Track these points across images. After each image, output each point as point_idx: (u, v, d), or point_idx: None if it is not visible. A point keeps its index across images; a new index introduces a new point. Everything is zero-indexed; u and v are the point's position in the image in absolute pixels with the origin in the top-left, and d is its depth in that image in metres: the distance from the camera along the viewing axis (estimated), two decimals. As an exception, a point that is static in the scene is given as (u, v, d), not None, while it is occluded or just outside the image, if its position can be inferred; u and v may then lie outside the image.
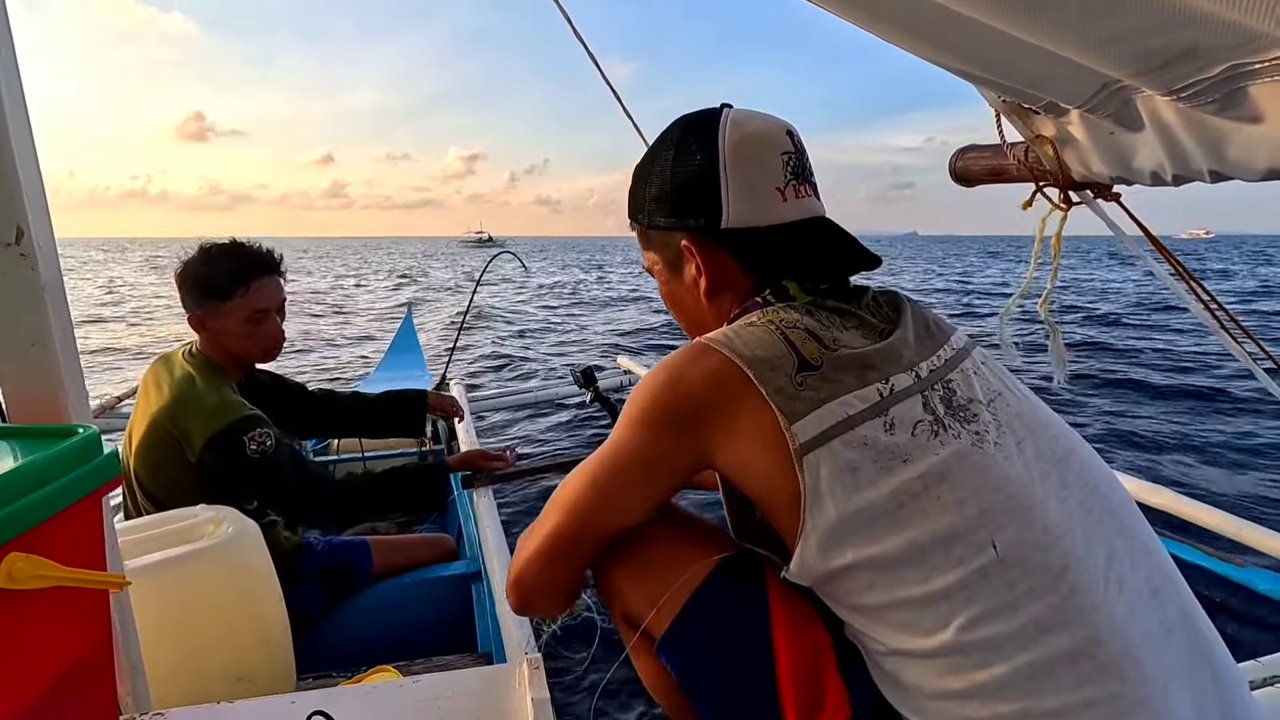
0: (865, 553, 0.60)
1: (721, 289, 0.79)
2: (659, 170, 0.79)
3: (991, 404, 0.69)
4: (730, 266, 0.78)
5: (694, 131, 0.77)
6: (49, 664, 0.64)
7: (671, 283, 0.84)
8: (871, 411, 0.63)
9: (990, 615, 0.57)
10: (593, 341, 8.92)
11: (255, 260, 1.51)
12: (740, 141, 0.75)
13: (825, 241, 0.77)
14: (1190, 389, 5.51)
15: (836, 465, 0.61)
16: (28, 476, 0.59)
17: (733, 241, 0.76)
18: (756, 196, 0.75)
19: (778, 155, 0.75)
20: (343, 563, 1.57)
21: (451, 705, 0.78)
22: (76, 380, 0.78)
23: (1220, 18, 0.55)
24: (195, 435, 1.39)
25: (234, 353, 1.53)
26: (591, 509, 0.74)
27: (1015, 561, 0.58)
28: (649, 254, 0.85)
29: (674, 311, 0.87)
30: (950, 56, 0.86)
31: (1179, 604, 0.63)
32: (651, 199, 0.80)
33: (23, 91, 0.73)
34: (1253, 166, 0.76)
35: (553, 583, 0.79)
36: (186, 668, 1.12)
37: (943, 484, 0.60)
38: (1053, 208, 1.14)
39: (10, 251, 0.72)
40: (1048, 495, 0.63)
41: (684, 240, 0.78)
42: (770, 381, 0.64)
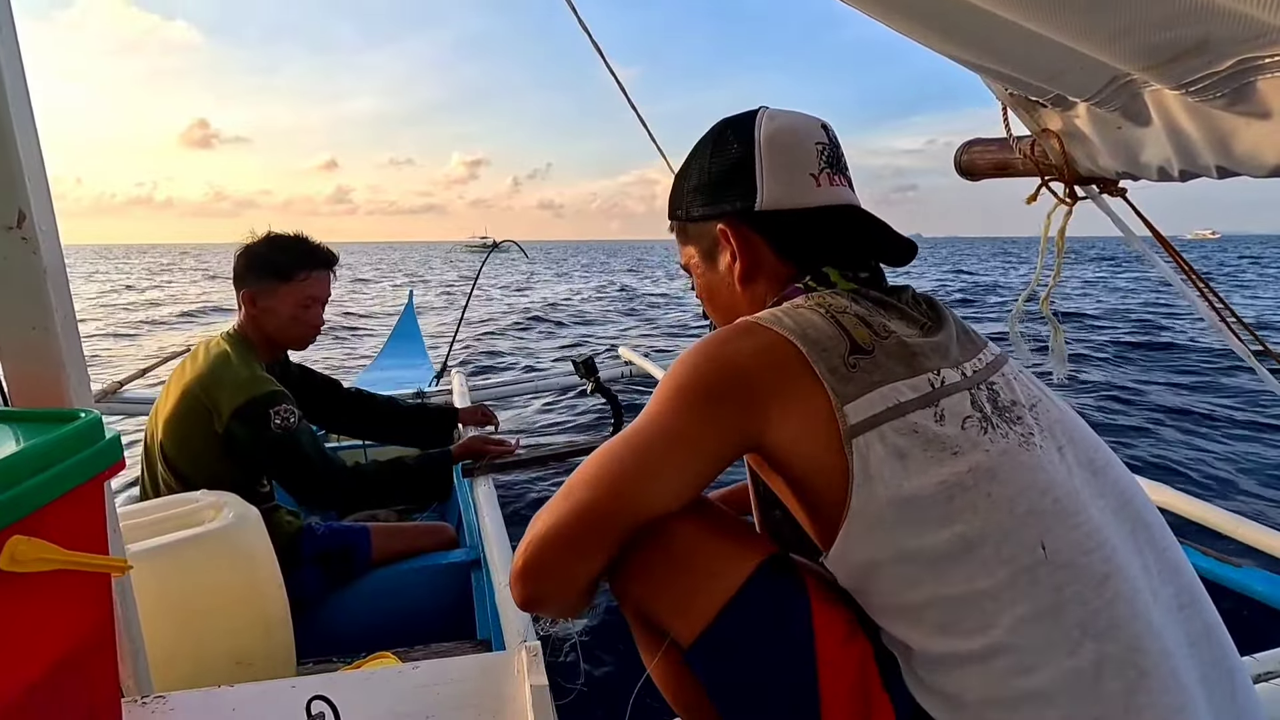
0: (911, 544, 0.59)
1: (756, 275, 0.79)
2: (698, 165, 0.81)
3: (1034, 409, 0.68)
4: (765, 251, 0.78)
5: (732, 126, 0.79)
6: (50, 647, 0.64)
7: (708, 273, 0.84)
8: (922, 401, 0.62)
9: (1037, 617, 0.56)
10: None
11: (317, 252, 1.64)
12: (776, 131, 0.77)
13: (861, 227, 0.78)
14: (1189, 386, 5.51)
15: (886, 450, 0.60)
16: (30, 460, 0.59)
17: (767, 224, 0.77)
18: (791, 180, 0.76)
19: (812, 144, 0.77)
20: (342, 546, 1.59)
21: (450, 692, 0.79)
22: (78, 364, 0.78)
23: (1231, 11, 0.55)
24: (224, 404, 1.46)
25: (272, 334, 1.61)
26: (624, 486, 0.66)
27: (1063, 564, 0.57)
28: (686, 249, 0.86)
29: (709, 306, 0.87)
30: (960, 47, 0.86)
31: (1204, 620, 0.63)
32: (690, 191, 0.82)
33: (25, 77, 0.73)
34: (1261, 162, 0.76)
35: (569, 573, 0.69)
36: (187, 652, 1.13)
37: (993, 481, 0.60)
38: (1058, 202, 1.13)
39: (12, 235, 0.72)
40: (1088, 503, 0.62)
41: (720, 225, 0.79)
42: (824, 360, 0.63)
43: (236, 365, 1.51)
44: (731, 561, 0.67)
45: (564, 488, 0.69)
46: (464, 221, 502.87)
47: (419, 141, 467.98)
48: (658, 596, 0.69)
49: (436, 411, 2.14)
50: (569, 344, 8.73)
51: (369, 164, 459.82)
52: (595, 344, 8.34)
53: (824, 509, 0.63)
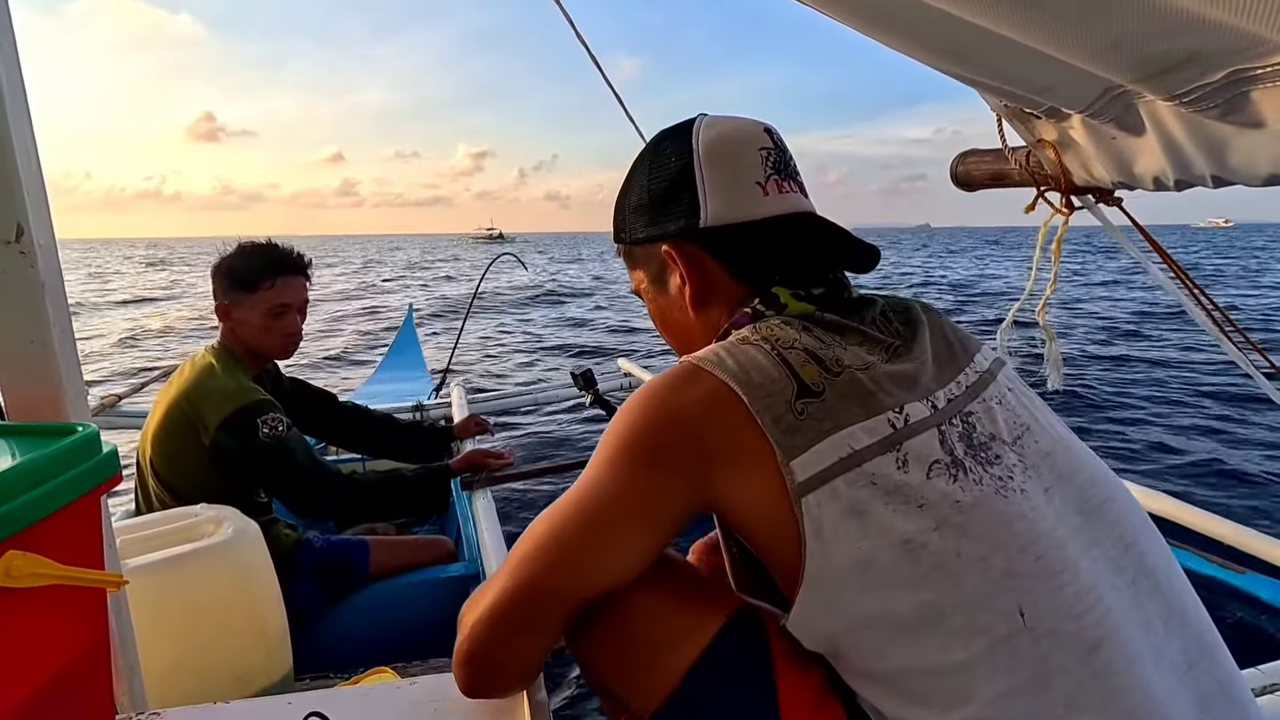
0: (874, 610, 0.54)
1: (709, 298, 0.73)
2: (637, 183, 0.76)
3: (1018, 441, 0.62)
4: (715, 271, 0.72)
5: (669, 138, 0.75)
6: (45, 662, 0.63)
7: (658, 298, 0.78)
8: (881, 446, 0.56)
9: (1017, 691, 0.51)
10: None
11: (284, 259, 1.61)
12: (715, 140, 0.72)
13: (816, 235, 0.72)
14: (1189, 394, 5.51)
15: (840, 507, 0.54)
16: (26, 474, 0.59)
17: (714, 241, 0.71)
18: (735, 192, 0.70)
19: (755, 151, 0.71)
20: (340, 559, 1.58)
21: (449, 707, 0.78)
22: (75, 379, 0.78)
23: (1222, 23, 0.55)
24: (210, 416, 1.45)
25: (252, 345, 1.59)
26: (569, 563, 0.61)
27: (1045, 632, 0.52)
28: (635, 274, 0.80)
29: (664, 332, 0.82)
30: (952, 61, 0.86)
31: (1216, 677, 0.57)
32: (631, 211, 0.77)
33: (24, 90, 0.73)
34: (1254, 172, 0.76)
35: (514, 654, 0.66)
36: (184, 667, 1.12)
37: (963, 538, 0.54)
38: (1054, 212, 1.14)
39: (10, 249, 0.72)
40: (1079, 555, 0.56)
41: (665, 247, 0.73)
42: (768, 410, 0.56)
43: (222, 377, 1.50)
44: (689, 629, 0.63)
45: (506, 563, 0.65)
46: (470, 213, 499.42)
47: (425, 134, 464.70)
48: (615, 668, 0.66)
49: (432, 429, 2.14)
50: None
51: (375, 157, 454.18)
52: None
53: (781, 570, 0.58)
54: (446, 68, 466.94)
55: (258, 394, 1.50)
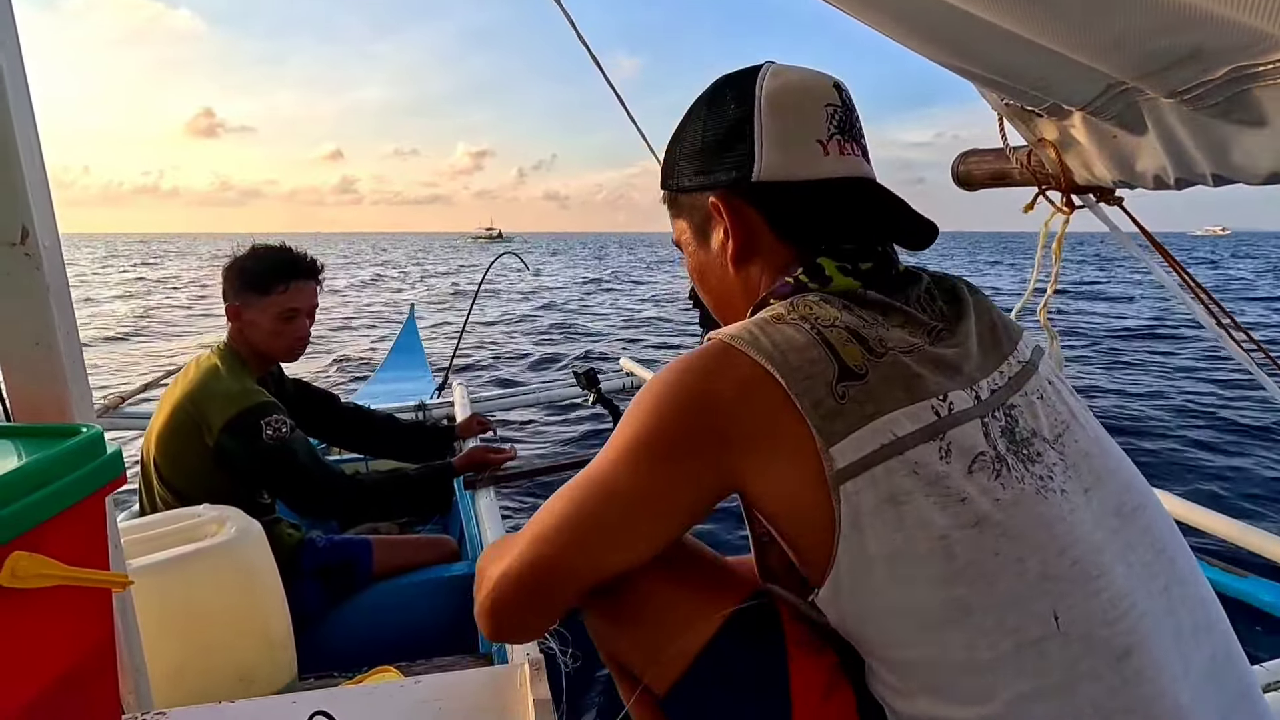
0: (904, 602, 0.52)
1: (751, 255, 0.69)
2: (692, 128, 0.72)
3: (1059, 440, 0.60)
4: (761, 229, 0.68)
5: (732, 84, 0.69)
6: (51, 663, 0.64)
7: (699, 251, 0.75)
8: (925, 434, 0.54)
9: (1043, 693, 0.50)
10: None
11: (298, 263, 1.62)
12: (779, 89, 0.67)
13: (872, 204, 0.68)
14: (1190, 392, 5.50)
15: (879, 496, 0.52)
16: (31, 475, 0.59)
17: (765, 198, 0.67)
18: (794, 147, 0.66)
19: (821, 107, 0.66)
20: (343, 559, 1.59)
21: (453, 706, 0.78)
22: (80, 380, 0.78)
23: (1225, 19, 0.55)
24: (214, 418, 1.45)
25: (260, 347, 1.60)
26: (585, 546, 0.61)
27: (1078, 637, 0.51)
28: (678, 222, 0.77)
29: (700, 288, 0.78)
30: (955, 55, 0.86)
31: (1238, 686, 0.57)
32: (682, 158, 0.73)
33: (28, 92, 0.73)
34: (1255, 170, 0.76)
35: (531, 621, 0.68)
36: (189, 667, 1.12)
37: (1001, 537, 0.52)
38: (1055, 211, 1.14)
39: (15, 251, 0.72)
40: (1115, 560, 0.54)
41: (712, 198, 0.69)
42: (807, 393, 0.53)
43: (226, 378, 1.51)
44: (703, 612, 0.63)
45: (527, 529, 0.65)
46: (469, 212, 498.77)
47: (424, 132, 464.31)
48: (629, 644, 0.67)
49: (434, 429, 2.14)
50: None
51: (374, 154, 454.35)
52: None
53: (810, 554, 0.56)
54: (447, 65, 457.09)
55: (261, 396, 1.51)
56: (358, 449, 2.14)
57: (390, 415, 2.13)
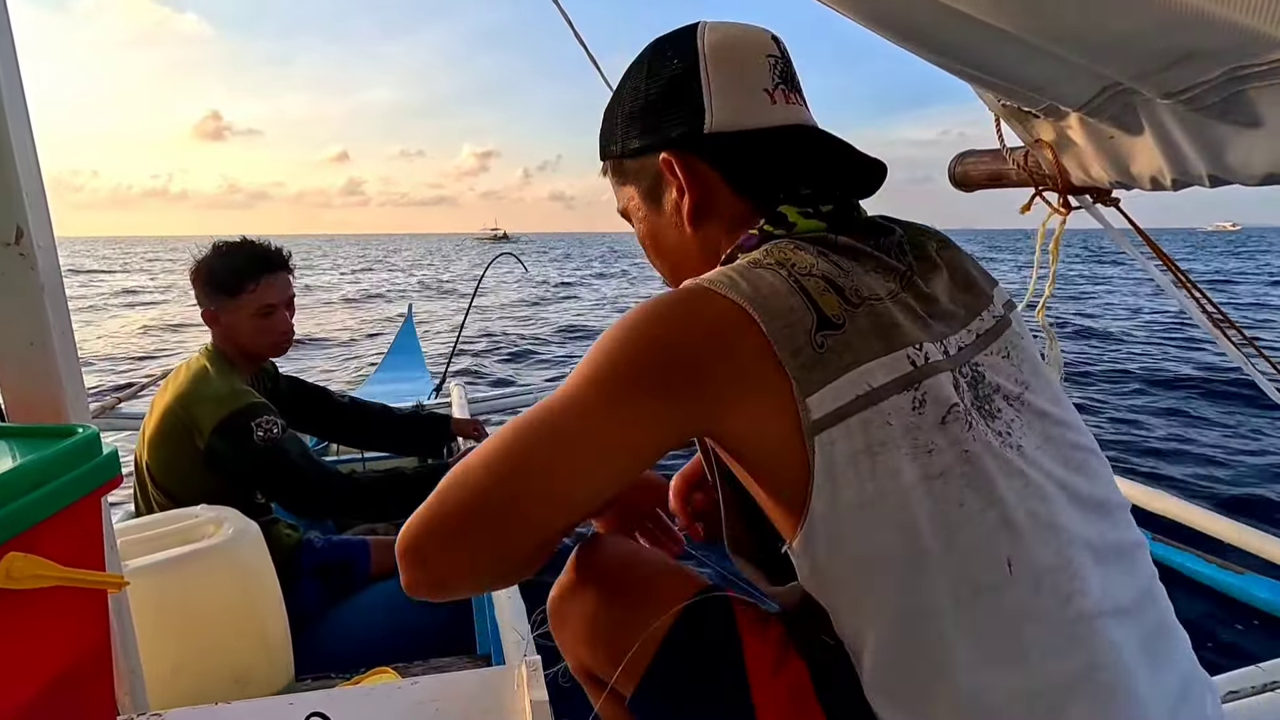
0: (872, 549, 0.53)
1: (708, 213, 0.67)
2: (632, 89, 0.70)
3: (1019, 398, 0.61)
4: (717, 184, 0.67)
5: (670, 43, 0.69)
6: (46, 664, 0.63)
7: (650, 216, 0.72)
8: (900, 384, 0.54)
9: (995, 634, 0.53)
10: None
11: (265, 257, 1.57)
12: (721, 42, 0.66)
13: (823, 149, 0.67)
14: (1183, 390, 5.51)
15: (853, 446, 0.52)
16: (27, 476, 0.59)
17: (718, 150, 0.66)
18: (743, 96, 0.65)
19: (764, 57, 0.67)
20: (341, 560, 1.58)
21: (450, 707, 0.78)
22: (75, 380, 0.78)
23: (1221, 20, 0.55)
24: (204, 420, 1.43)
25: (244, 346, 1.58)
26: (531, 484, 0.55)
27: (1029, 583, 0.53)
28: (624, 190, 0.74)
29: (654, 254, 0.75)
30: (952, 57, 0.86)
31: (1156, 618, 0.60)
32: (624, 120, 0.70)
33: (23, 93, 0.73)
34: (1251, 171, 0.76)
35: (454, 567, 0.59)
36: (185, 669, 1.12)
37: (966, 488, 0.53)
38: (1052, 211, 1.14)
39: (10, 251, 0.72)
40: (1061, 510, 0.57)
41: (664, 155, 0.67)
42: (787, 341, 0.53)
43: (215, 381, 1.48)
44: (657, 611, 0.65)
45: (462, 465, 0.58)
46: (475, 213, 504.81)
47: (430, 133, 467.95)
48: (593, 655, 0.69)
49: (430, 419, 2.11)
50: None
51: (381, 156, 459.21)
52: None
53: (781, 502, 0.56)
54: (454, 66, 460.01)
55: (250, 397, 1.49)
56: (354, 443, 2.12)
57: (385, 407, 2.10)
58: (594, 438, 0.55)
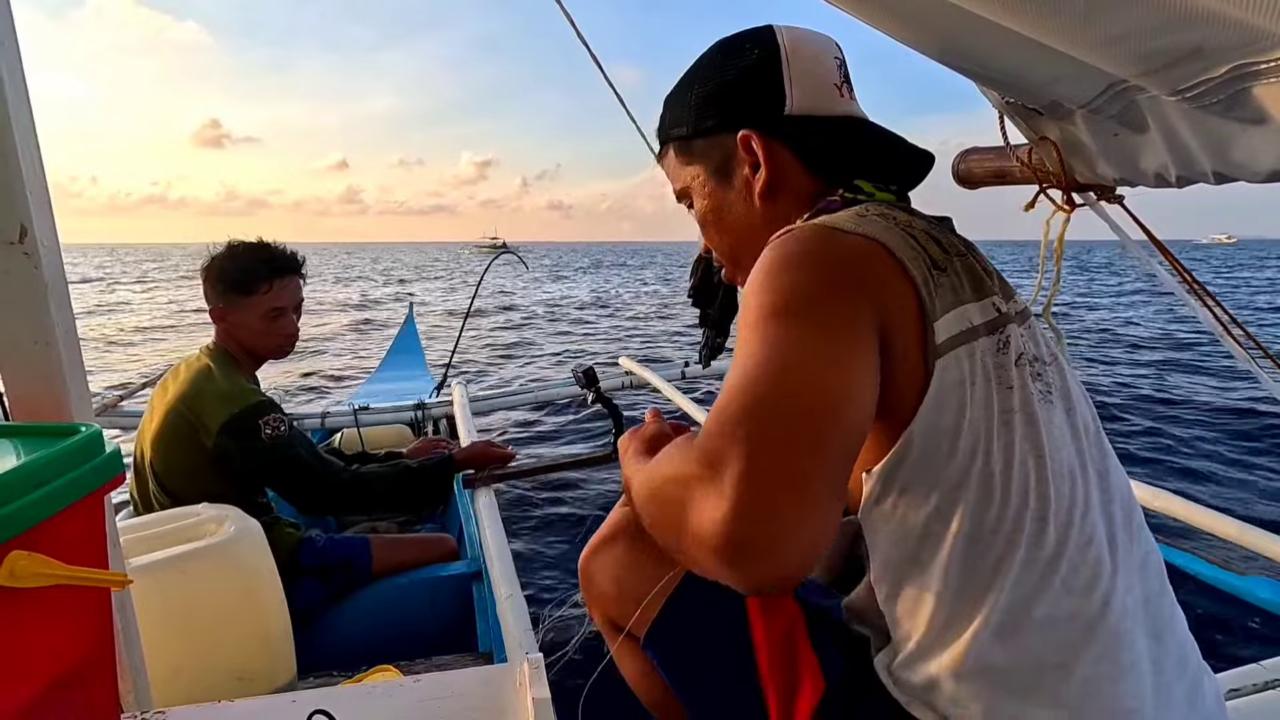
0: (953, 475, 0.56)
1: (780, 189, 0.72)
2: (707, 73, 0.75)
3: (1051, 365, 0.66)
4: (790, 163, 0.72)
5: (747, 38, 0.74)
6: (50, 662, 0.64)
7: (717, 193, 0.76)
8: (989, 327, 0.60)
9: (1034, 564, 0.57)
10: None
11: (279, 260, 1.59)
12: (799, 39, 0.73)
13: (884, 138, 0.75)
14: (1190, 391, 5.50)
15: (955, 376, 0.57)
16: (30, 475, 0.59)
17: (796, 132, 0.72)
18: (818, 87, 0.72)
19: (831, 57, 0.74)
20: (342, 558, 1.58)
21: (452, 705, 0.78)
22: (79, 379, 0.78)
23: (1226, 17, 0.55)
24: (211, 420, 1.44)
25: (249, 347, 1.59)
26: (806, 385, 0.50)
27: (1061, 525, 0.58)
28: (689, 169, 0.78)
29: (715, 230, 0.79)
30: (955, 54, 0.86)
31: (1154, 568, 0.66)
32: (698, 102, 0.75)
33: (27, 92, 0.73)
34: (1256, 168, 0.76)
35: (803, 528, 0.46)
36: (188, 667, 1.12)
37: (1028, 425, 0.58)
38: (1056, 209, 1.14)
39: (14, 250, 0.72)
40: (1078, 468, 0.62)
41: (742, 133, 0.72)
42: (916, 268, 0.57)
43: (219, 380, 1.49)
44: (673, 563, 0.75)
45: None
46: (473, 222, 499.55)
47: (429, 142, 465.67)
48: (619, 598, 0.82)
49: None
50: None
51: (380, 164, 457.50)
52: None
53: (880, 420, 0.56)
54: (452, 75, 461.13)
55: (257, 395, 1.50)
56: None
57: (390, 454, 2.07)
58: (818, 357, 0.51)
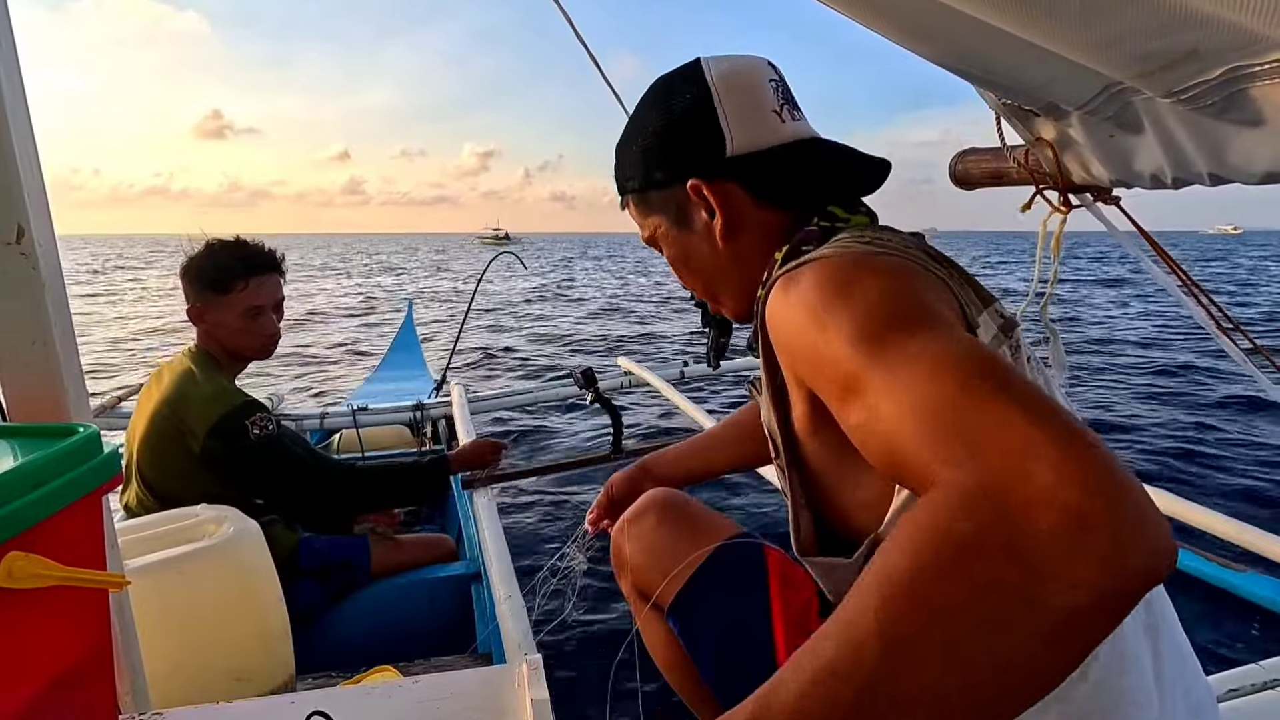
0: None
1: (739, 228, 0.72)
2: (645, 126, 0.75)
3: (1040, 366, 0.66)
4: (743, 201, 0.71)
5: (677, 78, 0.73)
6: (48, 663, 0.64)
7: (680, 239, 0.76)
8: (1003, 331, 0.59)
9: None
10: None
11: (255, 257, 1.55)
12: (728, 72, 0.71)
13: (835, 157, 0.73)
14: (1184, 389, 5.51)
15: None
16: (28, 475, 0.59)
17: (742, 170, 0.71)
18: (756, 119, 0.71)
19: (765, 82, 0.72)
20: (340, 559, 1.58)
21: (451, 706, 0.78)
22: (77, 379, 0.78)
23: (1221, 19, 0.55)
24: (197, 424, 1.42)
25: (230, 347, 1.56)
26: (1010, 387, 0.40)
27: None
28: (650, 220, 0.78)
29: (686, 274, 0.79)
30: (951, 56, 0.86)
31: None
32: (641, 154, 0.75)
33: (24, 92, 0.73)
34: (1252, 170, 0.76)
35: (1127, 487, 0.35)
36: (186, 668, 1.12)
37: None
38: (1052, 210, 1.14)
39: (11, 250, 0.72)
40: None
41: (690, 183, 0.71)
42: (944, 279, 0.57)
43: (202, 382, 1.47)
44: (701, 543, 0.85)
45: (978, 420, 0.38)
46: (476, 213, 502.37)
47: (431, 133, 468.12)
48: (650, 569, 0.89)
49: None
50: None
51: (382, 155, 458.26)
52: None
53: None
54: (454, 66, 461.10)
55: (242, 396, 1.48)
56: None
57: (384, 462, 2.06)
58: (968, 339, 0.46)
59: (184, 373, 1.50)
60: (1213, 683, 1.03)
